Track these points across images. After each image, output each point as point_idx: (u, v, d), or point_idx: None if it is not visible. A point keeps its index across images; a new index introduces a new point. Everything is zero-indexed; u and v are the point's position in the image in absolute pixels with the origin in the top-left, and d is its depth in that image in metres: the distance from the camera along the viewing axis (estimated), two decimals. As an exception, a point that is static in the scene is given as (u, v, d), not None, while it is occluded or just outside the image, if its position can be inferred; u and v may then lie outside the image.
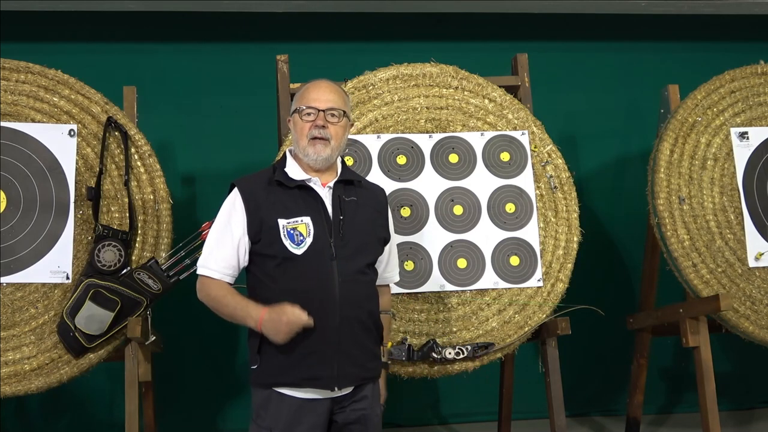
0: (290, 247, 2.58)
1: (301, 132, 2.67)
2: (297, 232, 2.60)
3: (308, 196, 2.66)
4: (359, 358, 2.62)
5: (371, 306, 2.68)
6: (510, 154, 3.63)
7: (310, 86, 2.72)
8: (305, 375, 2.55)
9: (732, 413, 4.72)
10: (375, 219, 2.76)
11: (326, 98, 2.68)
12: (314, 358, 2.54)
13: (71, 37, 4.47)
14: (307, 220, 2.61)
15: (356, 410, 2.64)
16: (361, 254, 2.66)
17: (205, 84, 4.57)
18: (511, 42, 4.57)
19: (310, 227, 2.61)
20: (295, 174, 2.68)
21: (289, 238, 2.59)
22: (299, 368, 2.54)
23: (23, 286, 3.32)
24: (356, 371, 2.61)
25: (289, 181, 2.66)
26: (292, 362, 2.54)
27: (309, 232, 2.60)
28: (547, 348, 3.54)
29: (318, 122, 2.65)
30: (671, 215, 3.60)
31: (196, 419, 4.47)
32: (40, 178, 3.40)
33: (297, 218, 2.61)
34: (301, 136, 2.67)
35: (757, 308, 3.59)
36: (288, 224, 2.60)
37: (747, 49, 4.54)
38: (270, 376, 2.59)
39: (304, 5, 4.39)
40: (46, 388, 3.24)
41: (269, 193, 2.65)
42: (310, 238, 2.59)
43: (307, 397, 2.58)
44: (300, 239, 2.60)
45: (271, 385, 2.59)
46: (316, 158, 2.65)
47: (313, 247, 2.59)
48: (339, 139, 2.68)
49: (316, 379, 2.55)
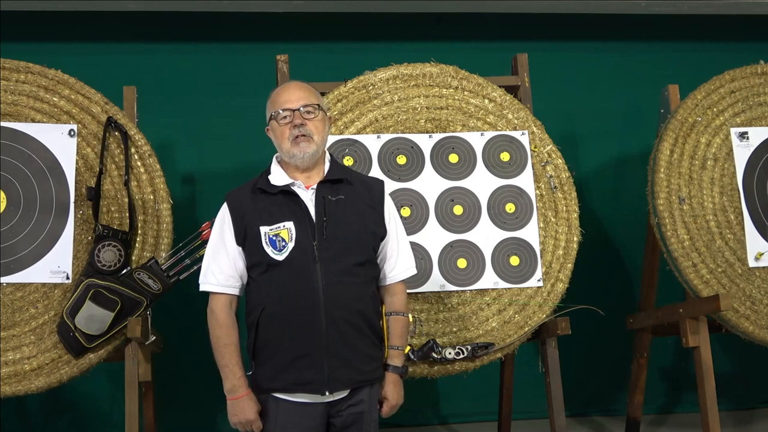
0: (272, 254, 2.59)
1: (281, 136, 2.67)
2: (279, 237, 2.60)
3: (291, 201, 2.65)
4: (351, 361, 2.58)
5: (362, 306, 2.62)
6: (510, 154, 3.63)
7: (279, 91, 2.74)
8: (295, 380, 2.55)
9: (732, 413, 4.72)
10: (366, 215, 2.71)
11: (297, 96, 2.68)
12: (303, 363, 2.54)
13: (71, 37, 4.46)
14: (290, 225, 2.61)
15: (353, 413, 2.63)
16: (349, 254, 2.62)
17: (205, 84, 4.56)
18: (511, 42, 4.57)
19: (293, 232, 2.60)
20: (277, 180, 2.68)
21: (270, 244, 2.60)
22: (289, 373, 2.54)
23: (23, 286, 3.32)
24: (349, 374, 2.58)
25: (271, 188, 2.66)
26: (283, 367, 2.55)
27: (291, 237, 2.60)
28: (547, 348, 3.54)
29: (296, 121, 2.65)
30: (671, 215, 3.60)
31: (196, 419, 4.46)
32: (40, 178, 3.40)
33: (279, 224, 2.62)
34: (282, 140, 2.67)
35: (757, 308, 3.59)
36: (270, 231, 2.61)
37: (747, 49, 4.53)
38: (264, 381, 2.61)
39: (304, 5, 4.38)
40: (46, 388, 3.23)
41: (254, 201, 2.66)
42: (292, 243, 2.59)
43: (300, 401, 2.57)
44: (282, 245, 2.59)
45: (266, 390, 2.60)
46: (303, 156, 2.64)
47: (295, 252, 2.58)
48: (320, 133, 2.67)
49: (307, 384, 2.54)
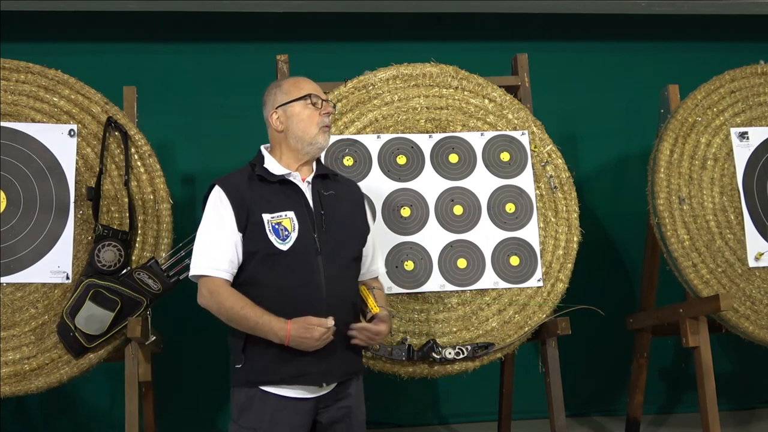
0: (276, 243, 2.53)
1: (309, 120, 2.62)
2: (282, 226, 2.55)
3: (290, 191, 2.62)
4: (344, 353, 2.61)
5: (355, 300, 2.68)
6: (510, 154, 3.63)
7: (297, 79, 2.71)
8: (293, 372, 2.52)
9: (732, 413, 4.72)
10: (354, 212, 2.74)
11: (319, 89, 2.70)
12: (304, 355, 2.52)
13: (71, 37, 4.47)
14: (291, 215, 2.57)
15: (341, 407, 2.62)
16: (345, 248, 2.64)
17: (205, 84, 4.57)
18: (511, 42, 4.57)
19: (295, 222, 2.56)
20: (274, 169, 2.64)
21: (274, 233, 2.54)
22: (288, 365, 2.52)
23: (23, 286, 3.32)
24: (342, 367, 2.61)
25: (270, 176, 2.61)
26: (281, 359, 2.52)
27: (294, 227, 2.56)
28: (547, 348, 3.54)
29: (329, 110, 2.65)
30: (671, 215, 3.60)
31: (196, 419, 4.46)
32: (40, 178, 3.39)
33: (281, 213, 2.57)
34: (310, 125, 2.62)
35: (757, 308, 3.59)
36: (272, 219, 2.55)
37: (747, 49, 4.54)
38: (256, 374, 2.54)
39: (304, 5, 4.39)
40: (46, 388, 3.23)
41: (251, 188, 2.59)
42: (295, 233, 2.55)
43: (291, 395, 2.54)
44: (285, 234, 2.54)
45: (257, 383, 2.54)
46: (323, 146, 2.65)
47: (299, 243, 2.55)
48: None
49: (305, 375, 2.53)
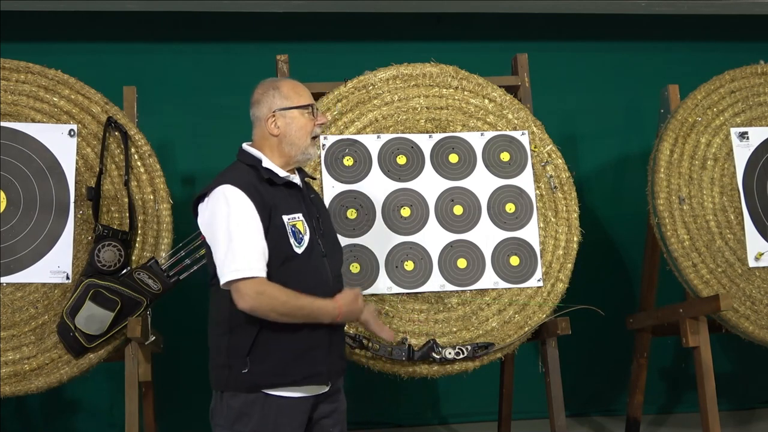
0: (294, 246, 2.50)
1: (304, 130, 2.60)
2: (296, 229, 2.52)
3: (294, 193, 2.60)
4: (341, 352, 2.67)
5: None
6: (510, 154, 3.63)
7: (296, 84, 2.66)
8: (306, 372, 2.51)
9: (732, 413, 4.72)
10: (327, 213, 2.80)
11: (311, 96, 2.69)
12: (315, 354, 2.52)
13: (71, 37, 4.47)
14: (301, 218, 2.55)
15: (330, 403, 2.63)
16: (337, 249, 2.70)
17: (205, 84, 4.56)
18: (511, 42, 4.57)
19: (305, 224, 2.55)
20: (277, 171, 2.59)
21: (292, 235, 2.51)
22: (300, 366, 2.50)
23: (23, 286, 3.32)
24: (341, 364, 2.66)
25: (278, 179, 2.56)
26: (292, 361, 2.50)
27: (306, 230, 2.54)
28: (547, 348, 3.54)
29: (325, 121, 2.65)
30: (671, 215, 3.60)
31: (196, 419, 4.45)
32: (40, 178, 3.39)
33: (294, 215, 2.54)
34: (304, 134, 2.60)
35: (757, 308, 3.59)
36: (289, 221, 2.52)
37: (747, 49, 4.54)
38: (264, 378, 2.48)
39: (304, 5, 4.38)
40: (46, 388, 3.23)
41: (266, 190, 2.52)
42: (307, 235, 2.53)
43: (296, 396, 2.51)
44: (300, 237, 2.52)
45: (263, 387, 2.49)
46: (312, 158, 2.65)
47: (310, 245, 2.54)
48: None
49: (317, 375, 2.53)
